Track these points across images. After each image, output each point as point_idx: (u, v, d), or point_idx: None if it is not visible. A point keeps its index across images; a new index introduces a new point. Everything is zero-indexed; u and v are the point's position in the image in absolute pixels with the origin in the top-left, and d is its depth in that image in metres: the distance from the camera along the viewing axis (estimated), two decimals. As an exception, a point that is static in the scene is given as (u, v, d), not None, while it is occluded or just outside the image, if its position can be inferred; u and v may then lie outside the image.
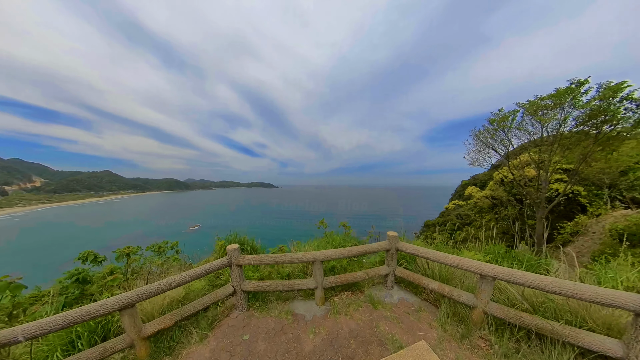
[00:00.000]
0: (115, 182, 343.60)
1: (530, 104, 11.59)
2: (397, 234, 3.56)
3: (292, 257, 3.14)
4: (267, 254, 4.02)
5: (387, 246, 3.58)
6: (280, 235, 77.90)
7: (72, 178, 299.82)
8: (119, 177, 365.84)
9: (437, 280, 3.67)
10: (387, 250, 3.64)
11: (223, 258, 3.16)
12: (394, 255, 3.69)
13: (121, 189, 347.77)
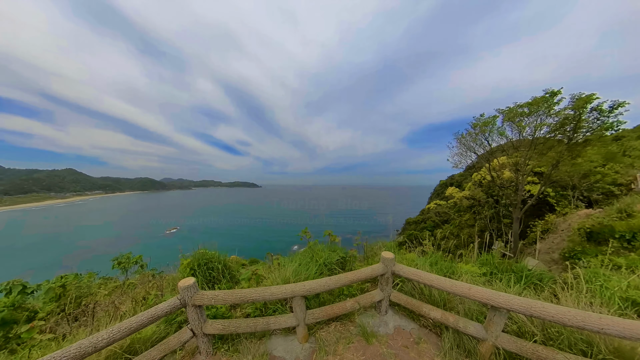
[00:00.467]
0: (80, 181, 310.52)
1: (509, 111, 12.10)
2: (393, 256, 2.99)
3: (264, 294, 2.44)
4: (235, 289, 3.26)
5: (381, 270, 3.00)
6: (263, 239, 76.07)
7: (27, 177, 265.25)
8: (85, 176, 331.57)
9: (437, 304, 3.18)
10: (381, 275, 3.07)
11: (174, 298, 2.37)
12: (389, 280, 3.13)
13: (87, 189, 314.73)
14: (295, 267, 3.53)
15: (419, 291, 3.46)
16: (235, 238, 74.91)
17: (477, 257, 4.90)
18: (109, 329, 2.13)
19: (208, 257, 4.71)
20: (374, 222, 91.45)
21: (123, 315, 4.43)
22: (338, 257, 4.76)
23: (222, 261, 4.72)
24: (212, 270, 4.63)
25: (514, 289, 3.61)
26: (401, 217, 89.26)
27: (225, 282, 4.77)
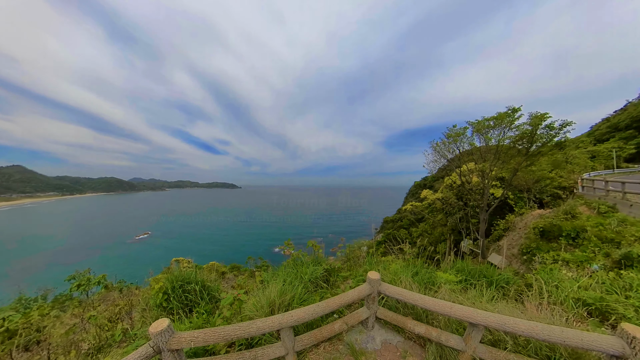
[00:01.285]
0: (30, 181, 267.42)
1: (478, 123, 13.38)
2: (379, 276, 2.99)
3: (250, 329, 2.26)
4: (216, 318, 3.01)
5: (368, 291, 2.99)
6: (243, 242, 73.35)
7: None
8: (37, 175, 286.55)
9: (421, 317, 3.26)
10: (368, 295, 3.05)
11: (144, 346, 2.09)
12: (375, 299, 3.14)
13: (40, 190, 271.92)
14: (280, 287, 3.37)
15: (404, 304, 3.54)
16: (213, 242, 71.32)
17: (453, 263, 5.16)
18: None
19: (183, 278, 4.33)
20: (354, 221, 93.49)
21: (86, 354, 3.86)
22: (323, 270, 4.70)
23: (200, 281, 4.38)
24: (188, 293, 4.27)
25: (486, 295, 3.85)
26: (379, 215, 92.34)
27: (204, 304, 4.41)
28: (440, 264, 5.97)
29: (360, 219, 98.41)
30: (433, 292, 4.05)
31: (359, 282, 4.49)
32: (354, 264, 7.05)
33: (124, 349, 3.52)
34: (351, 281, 4.93)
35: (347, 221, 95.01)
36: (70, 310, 5.39)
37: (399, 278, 4.07)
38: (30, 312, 4.22)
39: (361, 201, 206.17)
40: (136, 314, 5.45)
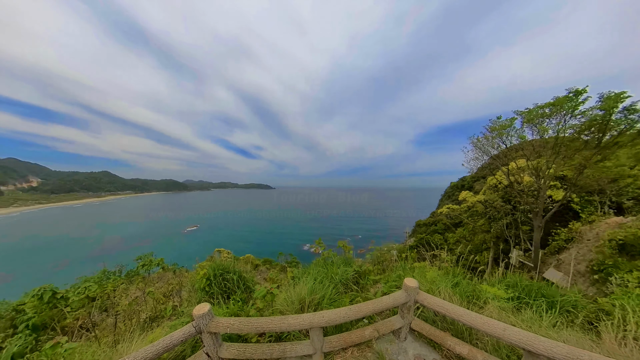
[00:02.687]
0: (113, 182, 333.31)
1: (529, 112, 11.12)
2: (417, 284, 2.70)
3: (281, 324, 2.26)
4: (251, 316, 3.09)
5: (404, 299, 2.72)
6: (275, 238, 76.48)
7: (69, 178, 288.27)
8: (117, 178, 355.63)
9: (463, 335, 2.85)
10: (403, 303, 2.79)
11: (188, 325, 2.26)
12: (411, 308, 2.85)
13: (119, 189, 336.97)
14: (310, 285, 3.33)
15: (442, 318, 3.15)
16: (249, 236, 76.32)
17: (502, 277, 4.43)
18: (128, 357, 2.04)
19: (223, 268, 4.64)
20: (383, 223, 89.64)
21: (144, 322, 4.45)
22: (353, 271, 4.52)
23: (237, 272, 4.63)
24: (227, 281, 4.56)
25: (546, 319, 3.19)
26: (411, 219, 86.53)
27: (239, 292, 4.67)
28: (483, 275, 5.23)
29: (389, 222, 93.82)
30: (478, 307, 3.52)
31: (392, 288, 4.18)
32: (385, 268, 6.67)
33: (172, 322, 3.95)
34: (382, 286, 4.63)
35: (375, 223, 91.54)
36: (135, 285, 6.27)
37: (437, 288, 3.65)
38: (106, 283, 5.02)
39: (391, 203, 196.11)
40: (184, 293, 6.10)
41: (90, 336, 4.10)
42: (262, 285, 4.14)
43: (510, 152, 13.43)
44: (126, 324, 4.05)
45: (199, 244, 63.50)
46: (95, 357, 2.82)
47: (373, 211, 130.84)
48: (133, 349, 2.94)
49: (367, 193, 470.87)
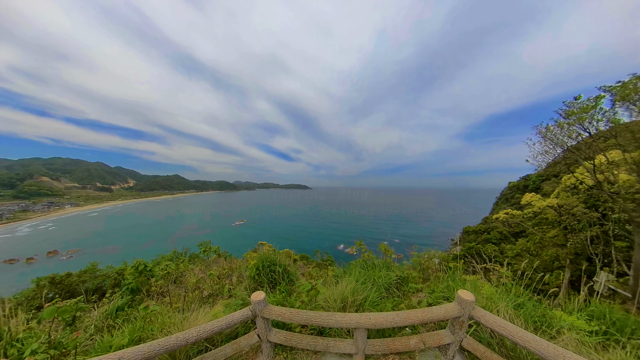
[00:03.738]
0: (181, 183, 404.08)
1: (623, 87, 8.19)
2: (473, 298, 2.42)
3: (329, 320, 2.33)
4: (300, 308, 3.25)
5: (457, 312, 2.48)
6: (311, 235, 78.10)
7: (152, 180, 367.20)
8: (184, 180, 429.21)
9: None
10: (455, 317, 2.54)
11: (246, 309, 2.55)
12: (464, 324, 2.57)
13: (186, 188, 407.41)
14: (353, 286, 3.32)
15: (500, 341, 2.73)
16: (286, 233, 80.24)
17: (584, 304, 3.55)
18: (198, 328, 2.42)
19: (271, 260, 5.04)
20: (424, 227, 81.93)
21: (206, 299, 5.21)
22: (395, 276, 4.31)
23: (283, 266, 4.96)
24: (273, 272, 4.94)
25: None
26: (457, 224, 76.81)
27: (284, 284, 5.00)
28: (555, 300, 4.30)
29: (431, 226, 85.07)
30: (548, 336, 2.92)
31: (439, 299, 3.84)
32: (427, 277, 6.14)
33: (226, 300, 4.57)
34: (426, 296, 4.28)
35: (415, 227, 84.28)
36: (198, 266, 7.36)
37: (495, 306, 3.17)
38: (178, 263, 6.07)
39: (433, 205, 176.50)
40: (234, 278, 6.89)
41: (164, 301, 5.05)
42: (306, 281, 4.33)
43: (596, 142, 9.94)
44: (191, 296, 4.82)
45: (244, 236, 70.27)
46: (170, 319, 3.44)
47: (413, 214, 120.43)
48: (199, 319, 3.45)
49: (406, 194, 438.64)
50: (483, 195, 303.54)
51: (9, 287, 7.40)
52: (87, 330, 3.67)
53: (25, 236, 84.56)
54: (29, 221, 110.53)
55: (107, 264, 10.89)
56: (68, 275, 9.19)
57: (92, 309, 4.60)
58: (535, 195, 18.11)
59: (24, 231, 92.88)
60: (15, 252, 60.32)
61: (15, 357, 2.85)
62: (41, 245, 66.81)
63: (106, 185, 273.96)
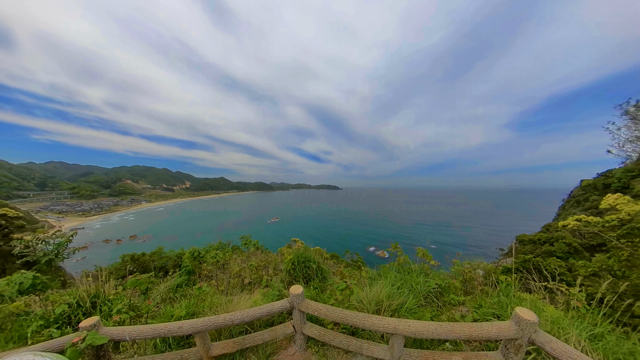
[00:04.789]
0: (226, 184, 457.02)
1: None
2: (535, 319, 2.01)
3: (365, 322, 2.24)
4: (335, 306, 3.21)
5: (513, 333, 2.09)
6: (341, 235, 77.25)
7: (203, 182, 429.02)
8: (228, 181, 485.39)
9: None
10: (511, 339, 2.15)
11: (285, 300, 2.64)
12: (522, 348, 2.15)
13: (229, 189, 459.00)
14: (388, 289, 3.14)
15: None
16: (317, 231, 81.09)
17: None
18: (242, 312, 2.61)
19: (306, 257, 5.15)
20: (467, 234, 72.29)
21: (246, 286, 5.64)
22: (435, 284, 3.92)
23: (317, 263, 5.02)
24: (308, 268, 5.03)
25: None
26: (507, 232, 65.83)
27: (317, 281, 5.05)
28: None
29: (475, 232, 74.82)
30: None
31: (487, 316, 3.33)
32: (470, 289, 5.39)
33: (263, 290, 4.84)
34: (470, 310, 3.75)
35: (454, 232, 75.17)
36: (239, 257, 8.00)
37: (563, 333, 2.59)
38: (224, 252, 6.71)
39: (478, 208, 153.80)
40: (270, 270, 7.29)
41: (212, 284, 5.65)
42: (335, 278, 4.28)
43: None
44: (233, 282, 5.27)
45: (278, 233, 73.84)
46: (217, 300, 3.80)
47: (451, 218, 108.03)
48: (241, 304, 3.72)
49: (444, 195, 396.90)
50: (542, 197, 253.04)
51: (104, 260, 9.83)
52: (155, 300, 4.34)
53: (115, 223, 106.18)
54: (118, 213, 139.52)
55: (169, 248, 12.78)
56: (142, 255, 11.06)
57: (159, 283, 5.42)
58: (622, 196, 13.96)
59: (114, 220, 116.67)
60: (109, 235, 76.64)
61: (106, 313, 3.57)
62: (125, 230, 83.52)
63: (169, 186, 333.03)
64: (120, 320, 3.32)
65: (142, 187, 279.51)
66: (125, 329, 2.49)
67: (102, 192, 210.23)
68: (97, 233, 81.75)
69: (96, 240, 68.73)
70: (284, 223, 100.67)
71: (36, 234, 8.28)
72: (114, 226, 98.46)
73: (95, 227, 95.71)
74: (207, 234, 68.09)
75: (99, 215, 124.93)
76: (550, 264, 14.35)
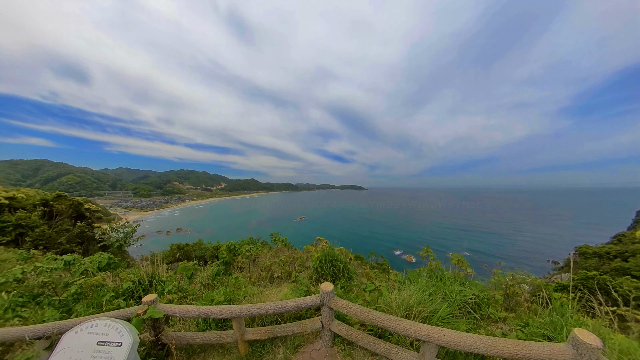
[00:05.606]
0: (256, 185, 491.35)
1: None
2: (600, 344, 1.65)
3: (396, 326, 2.14)
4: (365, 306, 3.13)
5: (570, 358, 1.77)
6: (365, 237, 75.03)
7: (236, 183, 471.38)
8: (258, 182, 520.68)
9: None
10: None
11: (315, 296, 2.68)
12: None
13: (259, 189, 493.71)
14: (419, 295, 2.95)
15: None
16: (342, 231, 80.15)
17: None
18: (275, 303, 2.73)
19: (333, 256, 5.16)
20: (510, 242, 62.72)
21: (276, 279, 5.87)
22: (472, 295, 3.54)
23: (344, 262, 4.99)
24: (334, 267, 5.03)
25: None
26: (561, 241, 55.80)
27: (343, 280, 5.01)
28: None
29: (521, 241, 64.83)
30: None
31: (535, 336, 2.88)
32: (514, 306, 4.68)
33: (290, 284, 4.99)
34: (513, 329, 3.28)
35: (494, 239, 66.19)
36: (269, 252, 8.39)
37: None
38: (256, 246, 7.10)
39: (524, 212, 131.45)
40: (296, 266, 7.48)
41: (244, 275, 6.03)
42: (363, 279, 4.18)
43: None
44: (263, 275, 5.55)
45: (304, 231, 75.25)
46: (251, 290, 4.04)
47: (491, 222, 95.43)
48: (272, 296, 3.88)
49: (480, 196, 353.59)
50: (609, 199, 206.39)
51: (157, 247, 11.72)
52: (198, 284, 4.83)
53: (165, 218, 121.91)
54: (167, 209, 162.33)
55: (207, 241, 14.11)
56: (186, 245, 12.42)
57: (201, 271, 6.02)
58: None
59: (164, 215, 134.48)
60: (161, 227, 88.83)
61: (159, 291, 4.11)
62: (172, 224, 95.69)
63: (208, 186, 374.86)
64: (172, 299, 3.78)
65: (186, 188, 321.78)
66: (176, 307, 2.83)
67: (156, 192, 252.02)
68: (152, 225, 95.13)
69: (151, 231, 79.88)
70: (309, 222, 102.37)
71: (110, 224, 9.97)
72: (164, 220, 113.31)
73: (150, 220, 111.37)
74: (240, 229, 73.37)
75: (153, 211, 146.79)
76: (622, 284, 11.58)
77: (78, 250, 9.54)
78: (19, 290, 3.82)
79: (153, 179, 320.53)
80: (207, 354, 3.07)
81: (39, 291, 3.93)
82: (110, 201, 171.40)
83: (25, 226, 9.15)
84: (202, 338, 2.91)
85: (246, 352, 2.94)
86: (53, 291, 4.04)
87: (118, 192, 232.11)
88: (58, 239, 9.60)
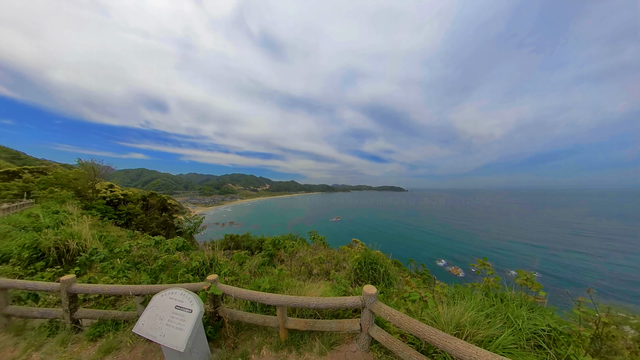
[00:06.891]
0: (296, 186, 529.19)
1: None
2: None
3: (448, 344, 1.86)
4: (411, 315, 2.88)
5: None
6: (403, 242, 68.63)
7: (278, 184, 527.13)
8: (297, 184, 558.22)
9: None
10: None
11: (357, 297, 2.60)
12: None
13: (298, 190, 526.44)
14: (474, 314, 2.52)
15: None
16: (379, 234, 75.81)
17: None
18: (317, 298, 2.77)
19: (373, 258, 4.95)
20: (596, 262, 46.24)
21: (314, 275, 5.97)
22: (546, 325, 2.80)
23: (384, 266, 4.73)
24: (374, 271, 4.81)
25: None
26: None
27: (383, 285, 4.72)
28: None
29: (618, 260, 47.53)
30: None
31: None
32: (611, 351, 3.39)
33: (328, 282, 4.97)
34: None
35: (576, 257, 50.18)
36: (308, 249, 8.61)
37: None
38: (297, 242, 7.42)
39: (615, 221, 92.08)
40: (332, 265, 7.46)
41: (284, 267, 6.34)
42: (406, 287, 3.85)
43: None
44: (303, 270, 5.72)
45: (338, 232, 74.86)
46: (293, 282, 4.22)
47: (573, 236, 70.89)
48: (312, 291, 3.95)
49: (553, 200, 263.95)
50: None
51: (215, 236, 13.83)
52: (247, 271, 5.35)
53: (220, 212, 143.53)
54: (223, 206, 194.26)
55: (253, 234, 15.60)
56: (237, 236, 14.00)
57: (250, 260, 6.64)
58: None
59: (220, 210, 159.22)
60: (218, 220, 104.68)
61: (217, 273, 4.71)
62: (226, 218, 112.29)
63: (255, 187, 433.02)
64: (227, 280, 4.31)
65: (238, 188, 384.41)
66: (231, 288, 3.19)
67: (215, 192, 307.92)
68: (211, 218, 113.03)
69: (210, 223, 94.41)
70: (345, 222, 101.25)
71: (184, 215, 12.27)
72: (220, 214, 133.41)
73: (210, 214, 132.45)
74: (281, 226, 78.79)
75: (212, 207, 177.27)
76: None
77: (162, 234, 12.13)
78: (127, 258, 5.10)
79: (213, 181, 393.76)
80: (253, 332, 3.36)
81: (138, 260, 5.15)
82: (183, 198, 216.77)
83: (132, 214, 12.69)
84: (250, 318, 3.21)
85: (285, 338, 3.09)
86: (147, 261, 5.20)
87: (189, 191, 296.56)
88: (151, 224, 12.92)
